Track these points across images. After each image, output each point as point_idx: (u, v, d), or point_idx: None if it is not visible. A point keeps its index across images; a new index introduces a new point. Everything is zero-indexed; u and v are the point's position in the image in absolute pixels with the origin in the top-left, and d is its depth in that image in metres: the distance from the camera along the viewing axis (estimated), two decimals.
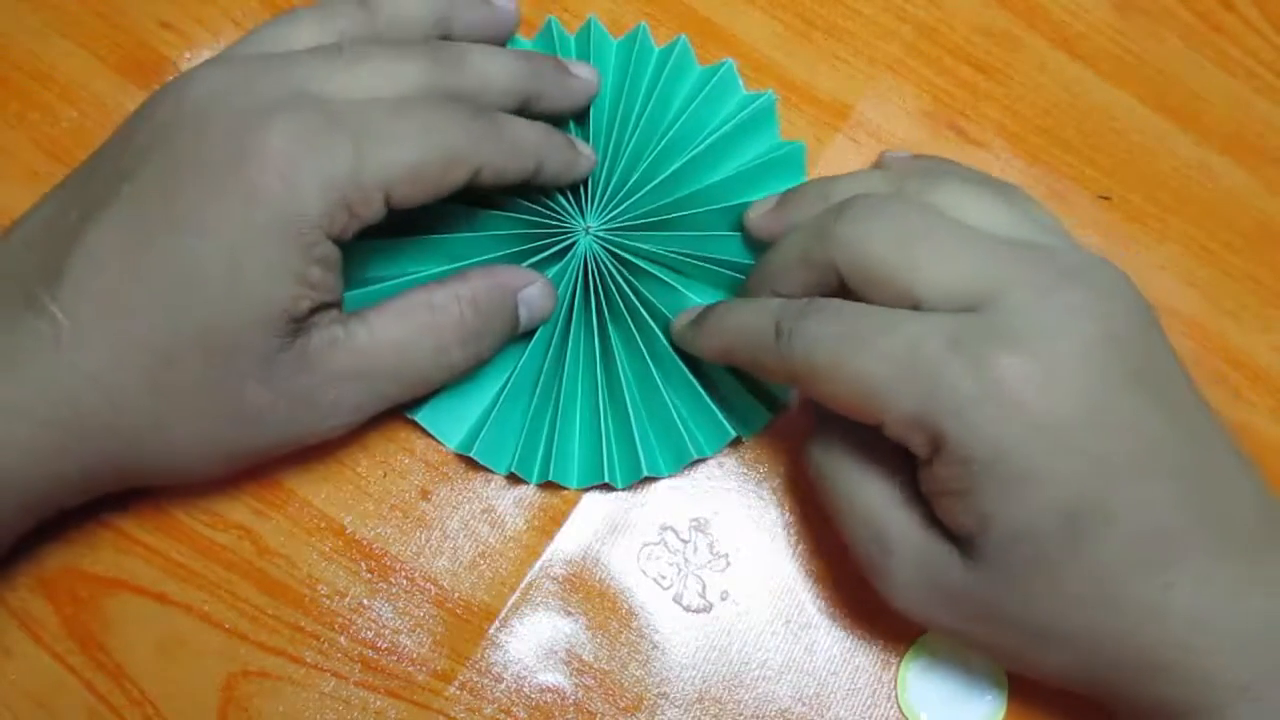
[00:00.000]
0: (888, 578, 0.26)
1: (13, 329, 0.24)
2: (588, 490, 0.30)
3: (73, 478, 0.25)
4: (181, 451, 0.26)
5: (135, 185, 0.24)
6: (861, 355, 0.23)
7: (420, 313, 0.27)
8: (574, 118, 0.32)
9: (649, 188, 0.31)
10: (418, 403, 0.30)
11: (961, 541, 0.24)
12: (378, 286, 0.29)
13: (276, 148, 0.24)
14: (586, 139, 0.31)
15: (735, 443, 0.31)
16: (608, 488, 0.30)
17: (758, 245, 0.30)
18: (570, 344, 0.30)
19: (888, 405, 0.23)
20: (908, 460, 0.25)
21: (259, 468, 0.28)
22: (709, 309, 0.28)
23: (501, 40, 0.32)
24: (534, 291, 0.29)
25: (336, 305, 0.26)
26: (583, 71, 0.31)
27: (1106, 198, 0.35)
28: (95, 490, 0.26)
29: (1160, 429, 0.23)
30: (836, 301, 0.25)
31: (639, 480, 0.30)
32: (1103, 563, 0.23)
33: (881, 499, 0.26)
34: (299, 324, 0.25)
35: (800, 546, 0.30)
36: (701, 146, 0.31)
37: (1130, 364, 0.23)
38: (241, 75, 0.25)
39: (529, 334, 0.30)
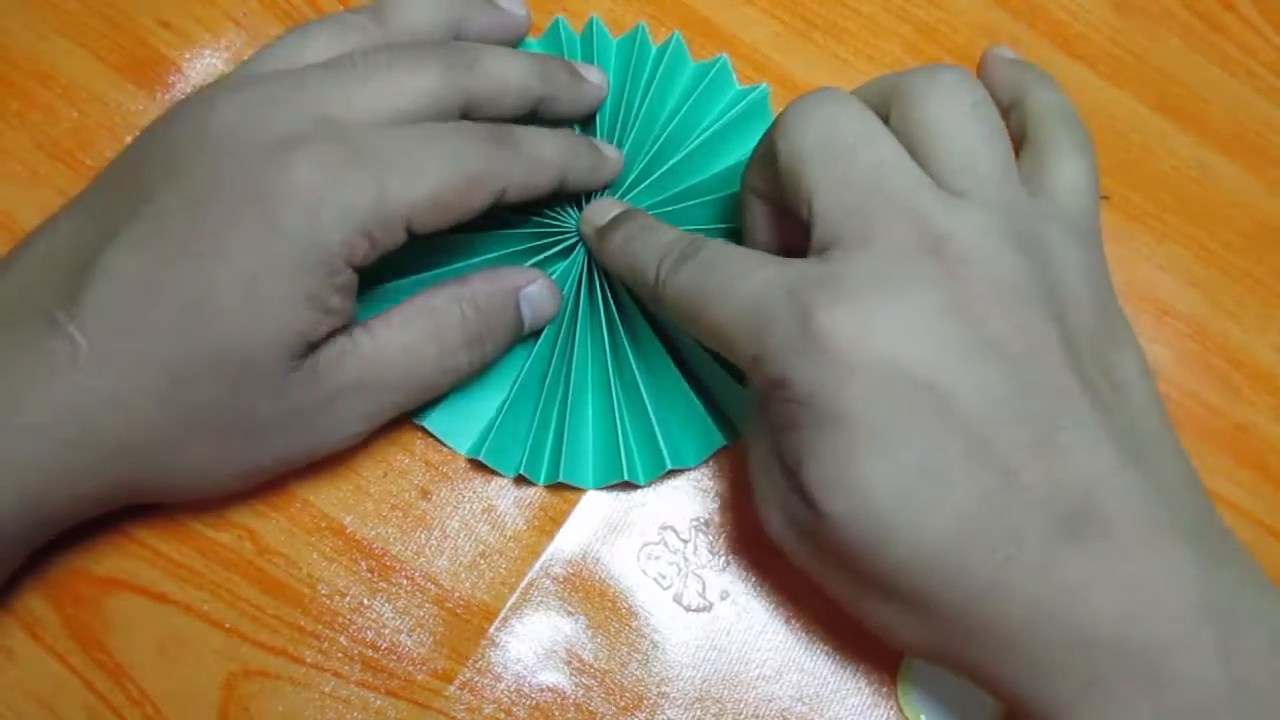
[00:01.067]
0: (760, 505, 0.26)
1: (31, 350, 0.24)
2: (588, 490, 0.30)
3: (88, 495, 0.25)
4: (195, 469, 0.26)
5: (155, 209, 0.25)
6: (716, 308, 0.24)
7: (422, 318, 0.27)
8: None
9: (648, 183, 0.31)
10: (425, 408, 0.30)
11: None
12: (377, 289, 0.29)
13: (299, 182, 0.24)
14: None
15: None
16: (624, 486, 0.30)
17: None
18: (578, 342, 0.30)
19: (737, 350, 0.24)
20: None
21: None
22: (617, 220, 0.29)
23: (512, 45, 0.32)
24: (535, 289, 0.29)
25: (348, 326, 0.27)
26: (593, 76, 0.31)
27: (1106, 197, 0.35)
28: (109, 506, 0.26)
29: (1003, 402, 0.22)
30: (712, 247, 0.25)
31: (661, 475, 0.30)
32: (929, 532, 0.22)
33: (764, 433, 0.26)
34: (314, 346, 0.25)
35: None
36: (698, 141, 0.32)
37: (980, 337, 0.22)
38: (260, 101, 0.25)
39: (535, 335, 0.30)
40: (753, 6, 0.35)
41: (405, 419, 0.30)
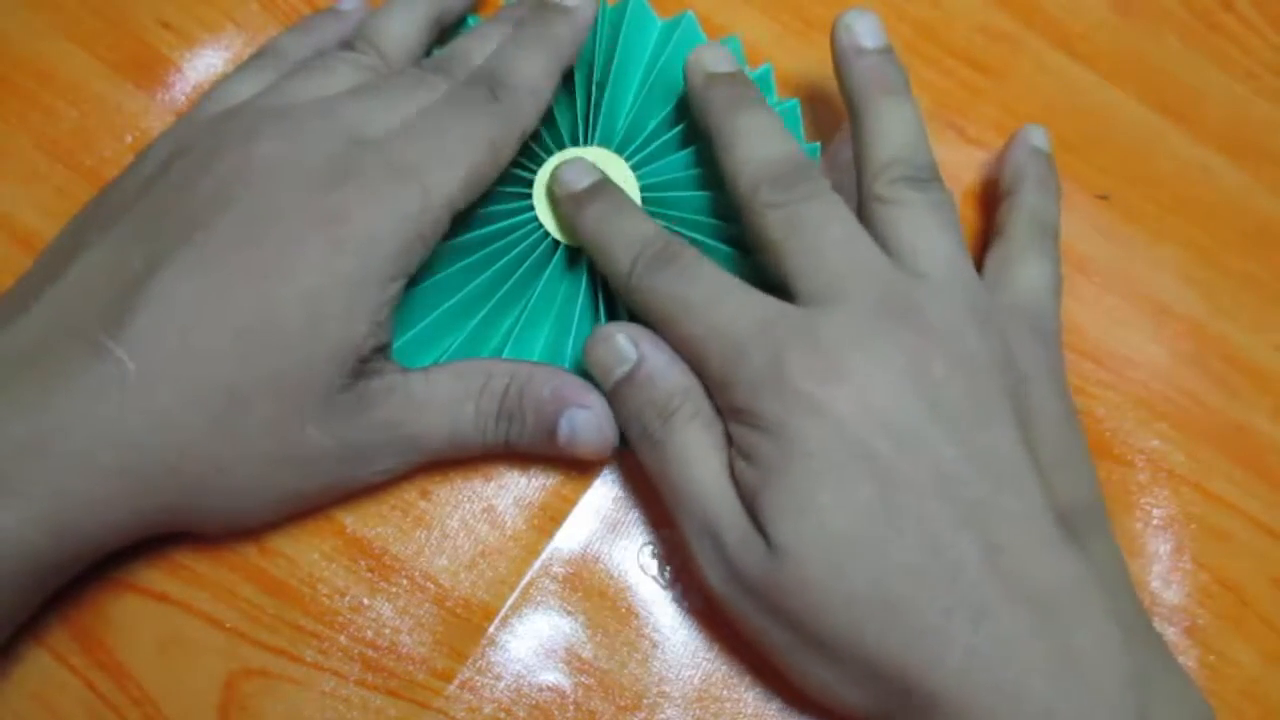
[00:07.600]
0: (700, 558, 0.26)
1: (74, 376, 0.24)
2: (588, 489, 0.30)
3: (129, 525, 0.25)
4: (238, 494, 0.26)
5: (208, 235, 0.25)
6: (691, 323, 0.26)
7: (476, 378, 0.28)
8: (593, 106, 0.32)
9: (650, 173, 0.31)
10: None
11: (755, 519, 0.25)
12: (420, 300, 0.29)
13: (354, 202, 0.26)
14: (606, 131, 0.32)
15: None
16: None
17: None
18: (575, 343, 0.30)
19: (706, 367, 0.26)
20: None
21: None
22: (592, 193, 0.29)
23: None
24: (584, 415, 0.28)
25: (388, 345, 0.27)
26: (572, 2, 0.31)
27: (1106, 197, 0.35)
28: (141, 535, 0.26)
29: (956, 464, 0.24)
30: (690, 257, 0.27)
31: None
32: (878, 571, 0.23)
33: (700, 487, 0.26)
34: (362, 365, 0.26)
35: None
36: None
37: (938, 401, 0.24)
38: (297, 130, 0.27)
39: (538, 327, 0.30)
40: (752, 6, 0.35)
41: None
